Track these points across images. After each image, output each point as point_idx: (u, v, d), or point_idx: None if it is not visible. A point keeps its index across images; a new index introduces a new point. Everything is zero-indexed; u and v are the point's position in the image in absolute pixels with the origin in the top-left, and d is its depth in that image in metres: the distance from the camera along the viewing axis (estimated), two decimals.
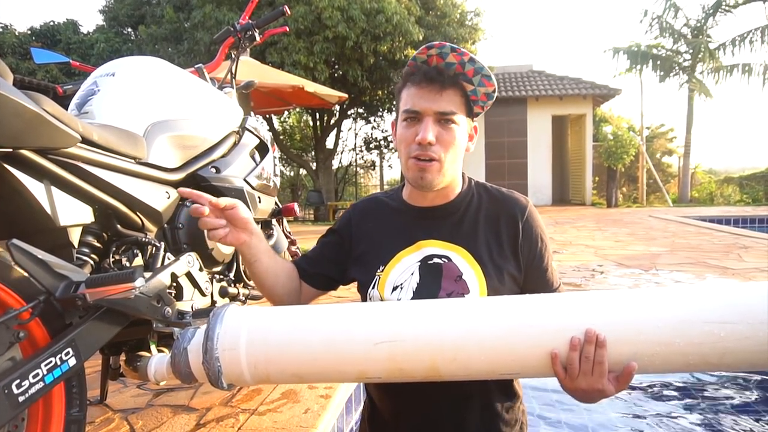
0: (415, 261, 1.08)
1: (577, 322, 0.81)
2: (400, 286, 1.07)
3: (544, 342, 0.81)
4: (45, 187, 1.05)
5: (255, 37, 1.97)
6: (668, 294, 0.83)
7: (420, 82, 1.02)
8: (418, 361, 0.84)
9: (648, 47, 14.80)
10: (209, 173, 1.54)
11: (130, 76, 1.44)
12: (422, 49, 1.02)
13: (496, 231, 1.09)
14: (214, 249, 1.49)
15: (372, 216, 1.18)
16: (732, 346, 0.76)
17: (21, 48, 13.62)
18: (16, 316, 0.91)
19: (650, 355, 0.79)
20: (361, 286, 1.13)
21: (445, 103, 1.02)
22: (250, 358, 0.86)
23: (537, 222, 1.11)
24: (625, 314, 0.81)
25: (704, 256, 4.68)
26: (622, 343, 0.80)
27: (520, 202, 1.12)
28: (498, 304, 0.88)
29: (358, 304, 0.94)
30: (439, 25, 10.24)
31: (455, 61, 1.02)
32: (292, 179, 16.32)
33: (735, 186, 14.58)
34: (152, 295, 1.15)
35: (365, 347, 0.84)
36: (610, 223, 8.29)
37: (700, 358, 0.79)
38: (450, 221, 1.11)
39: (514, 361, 0.83)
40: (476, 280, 1.04)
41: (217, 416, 1.67)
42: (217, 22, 8.99)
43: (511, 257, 1.08)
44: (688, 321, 0.78)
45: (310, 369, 0.88)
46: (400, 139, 1.07)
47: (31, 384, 0.87)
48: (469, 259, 1.06)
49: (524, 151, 13.55)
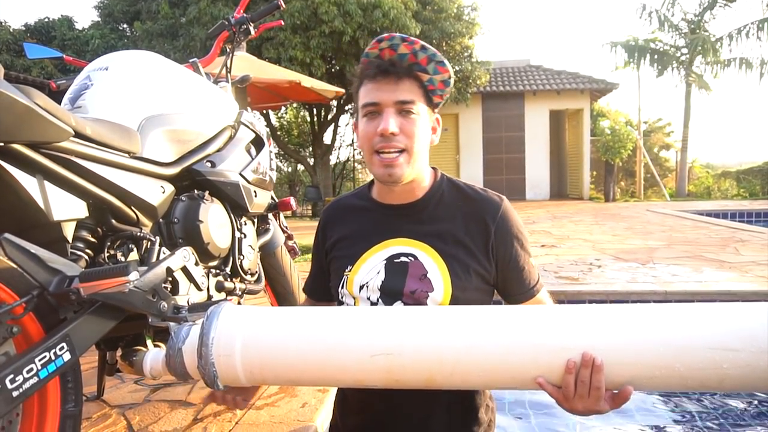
0: (381, 260, 1.08)
1: (575, 343, 0.79)
2: (366, 284, 1.07)
3: (540, 362, 0.80)
4: (38, 181, 1.04)
5: (250, 31, 1.95)
6: (671, 314, 0.80)
7: (375, 75, 1.02)
8: (415, 374, 0.83)
9: (646, 41, 14.78)
10: (204, 168, 1.54)
11: (124, 70, 1.43)
12: (373, 43, 1.02)
13: (465, 230, 1.07)
14: (210, 243, 1.48)
15: (339, 220, 1.19)
16: (732, 372, 0.75)
17: (15, 45, 13.52)
18: (9, 311, 0.90)
19: (648, 377, 0.78)
20: (334, 286, 1.14)
21: (403, 93, 1.02)
22: (245, 364, 0.86)
23: (512, 221, 1.09)
24: (625, 335, 0.78)
25: (701, 249, 4.69)
26: (621, 365, 0.78)
27: (493, 202, 1.09)
28: (497, 316, 0.86)
29: (354, 310, 0.94)
30: (436, 19, 10.20)
31: (407, 51, 1.02)
32: (290, 175, 16.28)
33: (732, 180, 14.60)
34: (147, 289, 1.14)
35: (361, 358, 0.83)
36: (607, 217, 8.29)
37: (698, 383, 0.77)
38: (417, 219, 1.10)
39: (511, 378, 0.82)
40: (441, 279, 1.03)
41: (215, 411, 1.67)
42: (212, 18, 8.94)
43: (481, 256, 1.06)
44: (691, 347, 0.76)
45: (305, 376, 0.88)
46: (362, 135, 1.06)
47: (25, 379, 0.87)
48: (435, 257, 1.05)
49: (522, 145, 13.55)
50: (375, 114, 1.03)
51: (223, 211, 1.59)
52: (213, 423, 1.58)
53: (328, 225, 1.22)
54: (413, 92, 1.03)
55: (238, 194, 1.62)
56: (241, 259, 1.64)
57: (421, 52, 1.02)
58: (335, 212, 1.22)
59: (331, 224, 1.21)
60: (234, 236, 1.62)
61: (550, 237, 5.97)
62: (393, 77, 1.01)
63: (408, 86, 1.02)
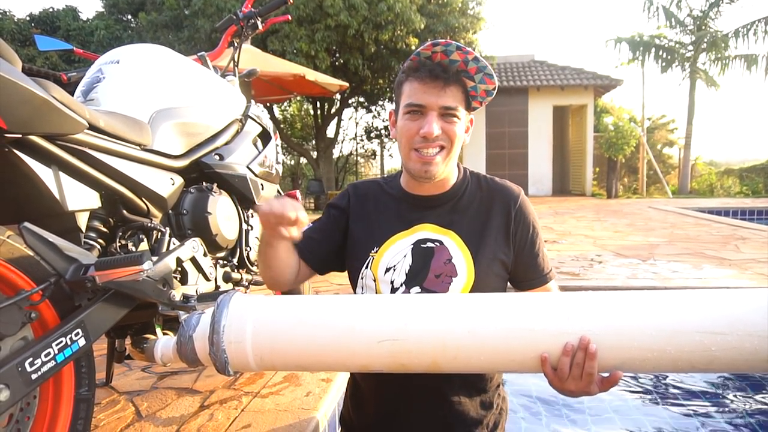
0: (409, 244, 1.11)
1: (573, 327, 0.83)
2: (393, 267, 1.10)
3: (539, 344, 0.84)
4: (53, 172, 1.07)
5: (257, 26, 1.98)
6: (664, 300, 0.84)
7: (424, 77, 1.04)
8: (419, 358, 0.86)
9: (650, 37, 14.72)
10: (213, 160, 1.57)
11: (135, 63, 1.46)
12: (428, 45, 1.04)
13: (489, 218, 1.12)
14: (218, 235, 1.51)
15: (371, 198, 1.21)
16: (720, 355, 0.79)
17: (20, 35, 13.53)
18: (27, 297, 0.94)
19: (641, 360, 0.82)
20: (354, 266, 1.16)
21: (449, 99, 1.05)
22: (255, 350, 0.89)
23: (529, 210, 1.15)
24: (621, 320, 0.83)
25: (702, 246, 4.71)
26: (615, 348, 0.82)
27: (513, 191, 1.16)
28: (498, 302, 0.89)
29: (361, 297, 0.97)
30: (440, 14, 10.18)
31: (459, 59, 1.04)
32: (293, 168, 16.30)
33: (735, 178, 14.57)
34: (158, 278, 1.17)
35: (368, 344, 0.86)
36: (609, 213, 8.31)
37: (687, 364, 0.82)
38: (445, 208, 1.15)
39: (511, 361, 0.86)
40: (464, 264, 1.08)
41: (221, 398, 1.71)
42: (217, 10, 8.94)
43: (503, 243, 1.11)
44: (682, 331, 0.80)
45: (313, 361, 0.91)
46: (403, 131, 1.09)
47: (43, 362, 0.90)
48: (461, 245, 1.10)
49: (525, 141, 13.53)
50: (418, 114, 1.06)
51: (230, 204, 1.62)
52: (219, 410, 1.62)
53: (359, 199, 1.21)
54: (457, 98, 1.06)
55: (246, 187, 1.66)
56: (248, 250, 1.68)
57: (473, 63, 1.05)
58: (369, 190, 1.23)
59: (362, 200, 1.21)
60: (241, 228, 1.66)
61: (551, 233, 5.99)
62: (441, 82, 1.04)
63: (453, 92, 1.06)
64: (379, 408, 1.18)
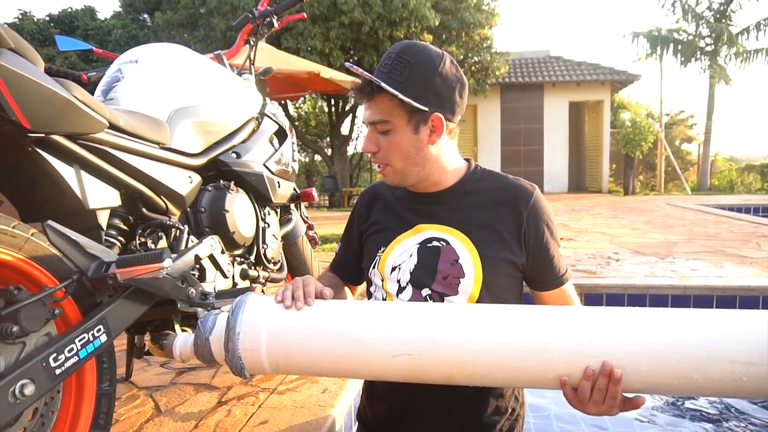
0: (414, 243, 1.11)
1: (596, 350, 0.79)
2: (398, 266, 1.11)
3: (559, 366, 0.81)
4: (75, 171, 1.09)
5: (273, 24, 1.98)
6: (692, 321, 0.79)
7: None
8: (435, 372, 0.86)
9: (669, 31, 14.50)
10: (230, 158, 1.58)
11: (153, 63, 1.47)
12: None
13: (498, 217, 1.09)
14: (235, 233, 1.52)
15: (378, 200, 1.24)
16: (749, 385, 0.75)
17: (40, 35, 13.77)
18: (51, 294, 0.95)
19: (666, 385, 0.78)
20: (365, 266, 1.18)
21: (375, 112, 1.06)
22: (270, 358, 0.90)
23: (543, 210, 1.10)
24: (646, 343, 0.78)
25: (722, 244, 4.63)
26: (640, 373, 0.78)
27: (526, 190, 1.11)
28: (517, 317, 0.87)
29: (375, 304, 0.96)
30: (455, 9, 10.13)
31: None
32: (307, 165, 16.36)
33: (756, 174, 14.30)
34: (177, 276, 1.19)
35: (383, 357, 0.86)
36: (626, 210, 8.21)
37: (714, 391, 0.78)
38: (450, 206, 1.12)
39: (530, 379, 0.84)
40: (472, 265, 1.06)
41: (238, 395, 1.72)
42: (232, 8, 8.98)
43: (513, 243, 1.08)
44: (711, 358, 0.75)
45: (328, 370, 0.92)
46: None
47: (66, 358, 0.92)
48: (467, 244, 1.07)
49: (540, 137, 13.42)
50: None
51: (247, 201, 1.63)
52: (237, 406, 1.63)
53: (368, 203, 1.26)
54: (383, 109, 1.04)
55: (263, 185, 1.66)
56: (265, 248, 1.69)
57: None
58: (376, 192, 1.26)
59: (371, 203, 1.25)
60: (258, 226, 1.67)
61: (567, 230, 5.93)
62: (366, 97, 1.05)
63: (378, 104, 1.05)
64: (392, 407, 1.18)
